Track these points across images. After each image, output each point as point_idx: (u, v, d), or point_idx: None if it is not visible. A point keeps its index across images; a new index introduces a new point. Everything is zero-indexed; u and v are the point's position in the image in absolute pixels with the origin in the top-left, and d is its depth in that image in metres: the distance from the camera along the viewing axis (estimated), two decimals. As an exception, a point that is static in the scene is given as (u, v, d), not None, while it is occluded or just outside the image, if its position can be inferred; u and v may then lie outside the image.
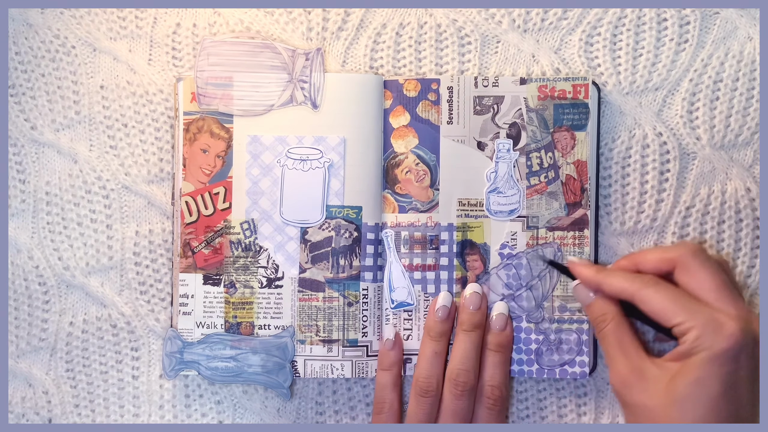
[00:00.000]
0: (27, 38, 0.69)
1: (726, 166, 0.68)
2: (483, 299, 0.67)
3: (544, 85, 0.67)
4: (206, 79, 0.67)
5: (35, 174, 0.69)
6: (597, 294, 0.63)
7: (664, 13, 0.69)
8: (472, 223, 0.68)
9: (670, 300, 0.59)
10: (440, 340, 0.66)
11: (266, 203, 0.67)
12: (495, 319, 0.67)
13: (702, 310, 0.58)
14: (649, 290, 0.60)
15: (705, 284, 0.60)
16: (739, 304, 0.59)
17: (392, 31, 0.69)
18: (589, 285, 0.64)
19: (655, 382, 0.59)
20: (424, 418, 0.65)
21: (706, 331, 0.57)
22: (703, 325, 0.57)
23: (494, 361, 0.66)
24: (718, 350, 0.57)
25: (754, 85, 0.68)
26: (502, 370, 0.66)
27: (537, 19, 0.69)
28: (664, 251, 0.63)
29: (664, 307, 0.59)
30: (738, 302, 0.59)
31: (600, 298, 0.63)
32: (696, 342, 0.57)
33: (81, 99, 0.69)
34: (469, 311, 0.66)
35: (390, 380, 0.67)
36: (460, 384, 0.64)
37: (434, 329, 0.66)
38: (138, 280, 0.69)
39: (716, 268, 0.61)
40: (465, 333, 0.66)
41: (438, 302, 0.67)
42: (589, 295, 0.64)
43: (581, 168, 0.67)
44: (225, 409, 0.69)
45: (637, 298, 0.60)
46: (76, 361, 0.69)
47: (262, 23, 0.69)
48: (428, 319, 0.67)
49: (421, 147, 0.68)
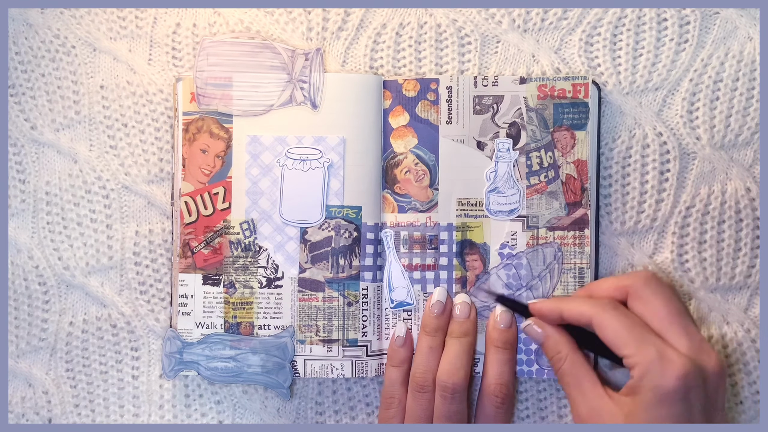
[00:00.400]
0: (27, 38, 0.69)
1: (726, 166, 0.68)
2: (472, 308, 0.67)
3: (543, 84, 0.67)
4: (206, 79, 0.67)
5: (35, 174, 0.69)
6: (550, 330, 0.63)
7: (664, 13, 0.69)
8: (471, 222, 0.68)
9: (624, 328, 0.59)
10: (435, 336, 0.66)
11: (266, 203, 0.67)
12: (500, 316, 0.66)
13: (651, 344, 0.58)
14: (605, 314, 0.60)
15: (657, 313, 0.60)
16: (691, 334, 0.59)
17: (392, 31, 0.69)
18: (551, 314, 0.63)
19: (611, 422, 0.59)
20: (422, 414, 0.65)
21: (651, 368, 0.57)
22: (649, 362, 0.57)
23: (501, 359, 0.66)
24: (663, 391, 0.56)
25: (754, 85, 0.68)
26: (510, 368, 0.66)
27: (537, 19, 0.69)
28: (617, 280, 0.63)
29: (617, 335, 0.59)
30: (690, 333, 0.59)
31: (553, 335, 0.63)
32: (642, 380, 0.57)
33: (81, 99, 0.69)
34: (459, 321, 0.66)
35: (400, 377, 0.67)
36: (449, 387, 0.64)
37: (429, 325, 0.66)
38: (138, 280, 0.69)
39: (668, 296, 0.61)
40: (455, 339, 0.66)
41: (433, 298, 0.67)
42: (539, 333, 0.64)
43: (581, 167, 0.67)
44: (225, 409, 0.69)
45: (594, 322, 0.60)
46: (76, 361, 0.69)
47: (262, 23, 0.69)
48: (424, 315, 0.67)
49: (420, 147, 0.68)
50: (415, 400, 0.65)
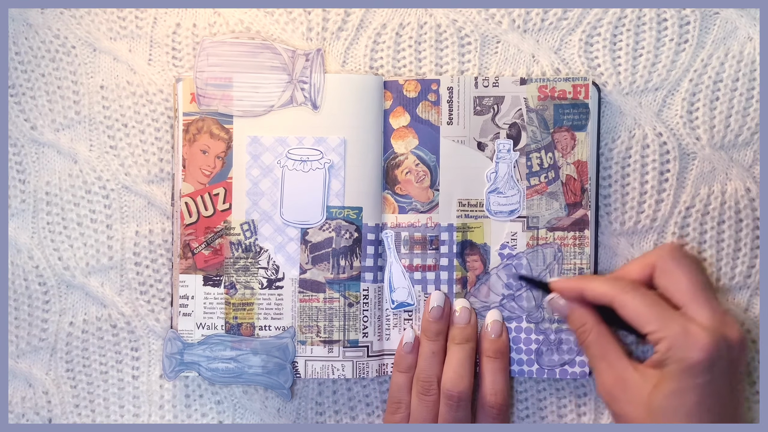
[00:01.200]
0: (27, 38, 0.69)
1: (726, 166, 0.68)
2: (472, 313, 0.67)
3: (544, 85, 0.67)
4: (206, 80, 0.67)
5: (35, 174, 0.69)
6: (574, 303, 0.64)
7: (664, 13, 0.69)
8: (472, 223, 0.68)
9: (646, 306, 0.59)
10: (437, 340, 0.66)
11: (266, 204, 0.67)
12: (490, 327, 0.67)
13: (674, 320, 0.59)
14: (626, 296, 0.60)
15: (680, 285, 0.61)
16: (714, 307, 0.60)
17: (392, 32, 0.69)
18: (572, 293, 0.64)
19: (637, 393, 0.59)
20: (428, 416, 0.65)
21: (676, 343, 0.58)
22: (674, 337, 0.58)
23: (493, 368, 0.66)
24: (690, 363, 0.57)
25: (754, 85, 0.68)
26: (503, 377, 0.66)
27: (537, 19, 0.69)
28: (643, 257, 0.64)
29: (639, 314, 0.59)
30: (712, 305, 0.60)
31: (578, 308, 0.64)
32: (667, 353, 0.58)
33: (81, 99, 0.69)
34: (460, 327, 0.66)
35: (407, 382, 0.67)
36: (455, 395, 0.64)
37: (430, 329, 0.66)
38: (138, 280, 0.69)
39: (693, 267, 0.61)
40: (457, 345, 0.66)
41: (431, 302, 0.67)
42: (563, 305, 0.64)
43: (581, 168, 0.67)
44: (225, 410, 0.69)
45: (615, 303, 0.61)
46: (76, 361, 0.69)
47: (262, 23, 0.69)
48: (423, 320, 0.67)
49: (421, 148, 0.68)
50: (420, 403, 0.65)
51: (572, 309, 0.64)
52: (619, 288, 0.61)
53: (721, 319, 0.59)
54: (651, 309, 0.59)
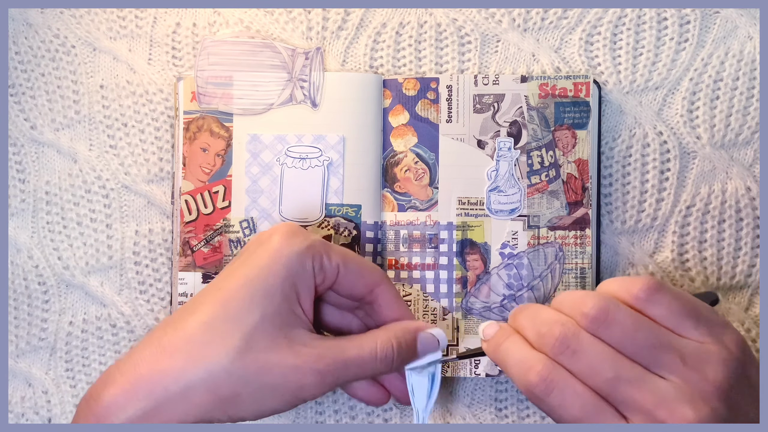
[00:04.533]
0: (27, 38, 0.70)
1: (726, 165, 0.68)
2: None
3: (545, 83, 0.67)
4: (206, 78, 0.67)
5: (35, 174, 0.69)
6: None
7: (664, 12, 0.69)
8: (472, 222, 0.68)
9: None
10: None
11: (266, 202, 0.67)
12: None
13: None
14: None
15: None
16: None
17: (392, 31, 0.69)
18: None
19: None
20: None
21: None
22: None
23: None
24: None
25: (754, 85, 0.68)
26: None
27: (537, 18, 0.69)
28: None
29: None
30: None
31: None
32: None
33: (81, 99, 0.69)
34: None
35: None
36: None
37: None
38: (138, 280, 0.69)
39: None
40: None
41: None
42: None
43: (582, 167, 0.67)
44: (225, 409, 0.69)
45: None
46: (76, 360, 0.69)
47: (262, 23, 0.69)
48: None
49: (420, 145, 0.68)
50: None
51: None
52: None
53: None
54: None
